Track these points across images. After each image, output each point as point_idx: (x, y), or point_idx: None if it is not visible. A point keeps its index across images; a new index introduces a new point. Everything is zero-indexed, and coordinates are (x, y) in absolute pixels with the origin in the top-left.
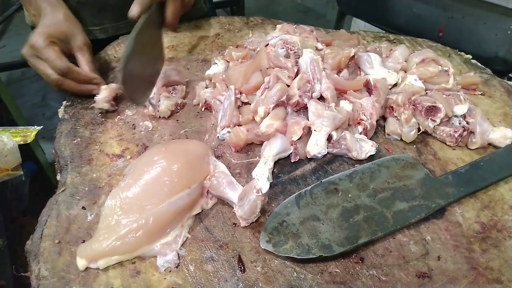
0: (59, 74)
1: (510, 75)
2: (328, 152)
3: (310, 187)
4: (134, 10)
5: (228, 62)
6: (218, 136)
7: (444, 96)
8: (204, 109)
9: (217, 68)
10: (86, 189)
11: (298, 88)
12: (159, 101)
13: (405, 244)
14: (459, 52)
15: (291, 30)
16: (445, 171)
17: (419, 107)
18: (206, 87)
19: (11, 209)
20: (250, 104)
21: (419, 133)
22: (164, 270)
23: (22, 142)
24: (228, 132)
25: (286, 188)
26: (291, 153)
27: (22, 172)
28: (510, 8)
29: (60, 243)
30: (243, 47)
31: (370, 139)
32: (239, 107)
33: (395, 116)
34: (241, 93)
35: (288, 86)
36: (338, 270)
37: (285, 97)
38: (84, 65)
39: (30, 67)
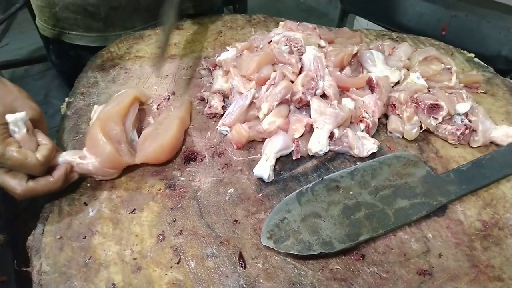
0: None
1: None
2: (329, 150)
3: (311, 184)
4: None
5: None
6: (217, 128)
7: (447, 94)
8: (212, 117)
9: (228, 54)
10: (88, 185)
11: (302, 85)
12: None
13: (406, 242)
14: (462, 51)
15: (294, 27)
16: (447, 169)
17: (421, 105)
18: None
19: (13, 205)
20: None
21: (421, 131)
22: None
23: None
24: (227, 131)
25: (288, 185)
26: (292, 150)
27: None
28: None
29: (62, 238)
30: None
31: (372, 136)
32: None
33: (397, 114)
34: (249, 80)
35: (292, 82)
36: (339, 267)
37: (289, 95)
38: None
39: (34, 65)
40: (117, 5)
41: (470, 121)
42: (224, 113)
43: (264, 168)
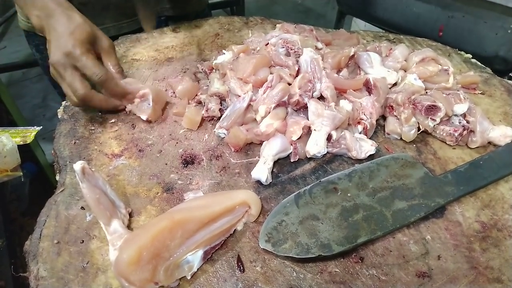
0: (96, 83)
1: (510, 74)
2: (327, 152)
3: (309, 186)
4: None
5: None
6: (214, 131)
7: (444, 95)
8: (210, 119)
9: (225, 57)
10: None
11: (299, 87)
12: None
13: (405, 244)
14: (459, 51)
15: (291, 29)
16: (445, 170)
17: (419, 106)
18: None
19: (10, 210)
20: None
21: (419, 132)
22: None
23: (21, 143)
24: (224, 133)
25: (286, 188)
26: (290, 152)
27: (21, 173)
28: (510, 7)
29: (59, 243)
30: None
31: (370, 138)
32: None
33: (395, 116)
34: (246, 82)
35: (290, 84)
36: (337, 270)
37: (286, 97)
38: (112, 69)
39: (31, 68)
40: (86, 1)
41: (468, 122)
42: (221, 116)
43: (262, 171)
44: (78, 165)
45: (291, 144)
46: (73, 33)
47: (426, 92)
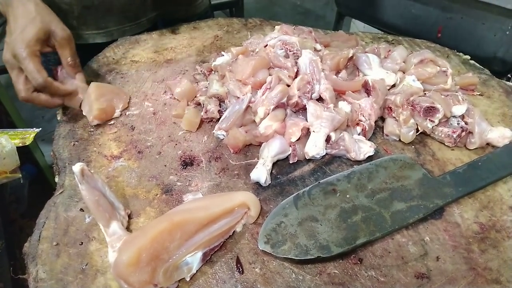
0: (36, 88)
1: (508, 75)
2: (326, 153)
3: (308, 187)
4: None
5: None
6: (213, 133)
7: (443, 96)
8: (209, 121)
9: (224, 59)
10: None
11: (298, 88)
12: None
13: (404, 245)
14: (457, 53)
15: (290, 31)
16: (443, 172)
17: (418, 107)
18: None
19: (10, 212)
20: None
21: (417, 133)
22: None
23: (20, 145)
24: (223, 135)
25: (285, 189)
26: (289, 154)
27: (20, 175)
28: (508, 8)
29: (58, 245)
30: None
31: (368, 140)
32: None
33: (394, 117)
34: (245, 84)
35: (288, 86)
36: (336, 271)
37: (285, 98)
38: (65, 61)
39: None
40: (89, 4)
41: (466, 123)
42: (220, 117)
43: (261, 172)
44: (77, 167)
45: (290, 146)
46: (23, 32)
47: (425, 94)
